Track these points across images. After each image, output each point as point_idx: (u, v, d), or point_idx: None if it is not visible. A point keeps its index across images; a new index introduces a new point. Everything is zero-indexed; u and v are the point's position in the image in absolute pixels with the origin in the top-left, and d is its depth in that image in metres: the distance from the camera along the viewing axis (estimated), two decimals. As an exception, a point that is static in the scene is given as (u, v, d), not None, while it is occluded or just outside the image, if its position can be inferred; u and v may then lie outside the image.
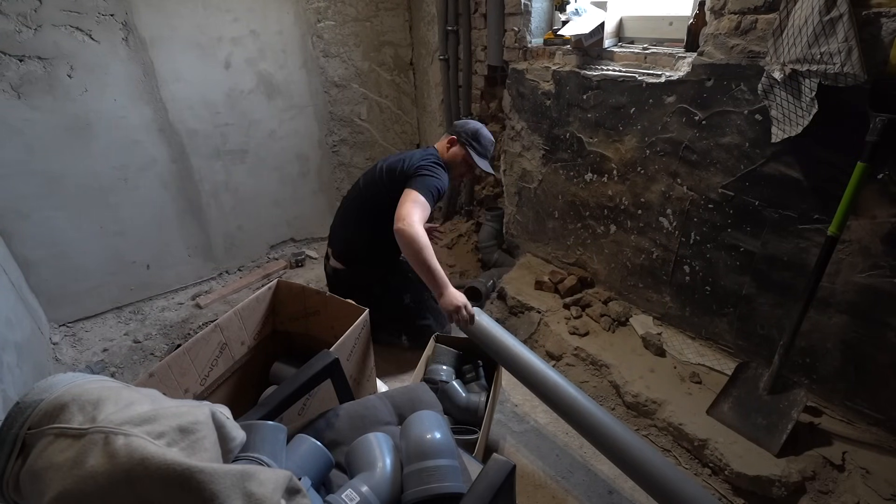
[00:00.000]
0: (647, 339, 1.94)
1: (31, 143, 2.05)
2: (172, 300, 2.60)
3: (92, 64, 2.09)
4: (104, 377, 0.78)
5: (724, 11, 1.50)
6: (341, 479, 1.01)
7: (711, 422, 1.61)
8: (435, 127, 3.08)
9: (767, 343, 1.69)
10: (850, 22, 1.17)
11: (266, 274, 2.80)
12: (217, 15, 2.35)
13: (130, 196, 2.36)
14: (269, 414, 1.02)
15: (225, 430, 0.75)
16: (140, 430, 0.63)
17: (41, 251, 2.20)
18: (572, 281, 2.28)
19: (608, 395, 1.85)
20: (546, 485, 1.53)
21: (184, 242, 2.61)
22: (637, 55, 1.92)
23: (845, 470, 1.42)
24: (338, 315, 1.58)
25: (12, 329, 1.75)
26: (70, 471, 0.59)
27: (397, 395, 1.27)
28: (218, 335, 1.46)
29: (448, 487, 0.88)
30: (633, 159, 1.92)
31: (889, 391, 1.44)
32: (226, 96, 2.50)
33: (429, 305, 2.06)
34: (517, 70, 2.31)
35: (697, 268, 1.83)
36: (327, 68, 2.80)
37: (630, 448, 1.26)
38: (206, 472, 0.60)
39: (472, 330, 1.59)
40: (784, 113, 1.39)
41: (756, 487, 1.44)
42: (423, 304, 2.06)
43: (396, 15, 2.94)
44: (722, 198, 1.68)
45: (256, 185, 2.77)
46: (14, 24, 1.89)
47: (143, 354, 2.23)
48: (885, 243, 1.34)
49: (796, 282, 1.55)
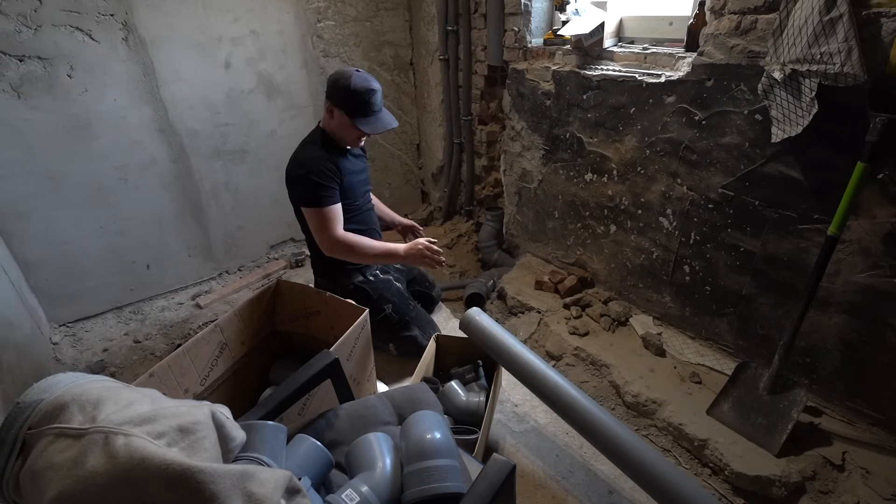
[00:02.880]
0: (647, 339, 1.94)
1: (31, 143, 2.05)
2: (172, 300, 2.60)
3: (92, 64, 2.09)
4: (104, 377, 0.78)
5: (724, 11, 1.50)
6: (341, 479, 1.01)
7: (711, 422, 1.61)
8: (435, 127, 3.08)
9: (767, 343, 1.69)
10: (850, 22, 1.17)
11: (266, 274, 2.80)
12: (217, 15, 2.35)
13: (130, 196, 2.36)
14: (269, 414, 1.02)
15: (225, 430, 0.75)
16: (140, 430, 0.63)
17: (41, 251, 2.20)
18: (572, 281, 2.28)
19: (608, 395, 1.85)
20: (546, 485, 1.53)
21: (184, 242, 2.61)
22: (637, 55, 1.92)
23: (845, 470, 1.42)
24: (338, 315, 1.58)
25: (12, 329, 1.75)
26: (70, 471, 0.59)
27: (397, 395, 1.28)
28: (218, 335, 1.46)
29: (448, 487, 0.88)
30: (633, 159, 1.92)
31: (889, 391, 1.44)
32: (226, 96, 2.50)
33: (413, 317, 1.94)
34: (517, 70, 2.31)
35: (697, 268, 1.83)
36: (327, 68, 2.80)
37: (630, 448, 1.26)
38: (206, 472, 0.61)
39: (472, 330, 1.59)
40: (784, 113, 1.39)
41: (756, 487, 1.44)
42: (406, 316, 1.93)
43: (396, 15, 2.94)
44: (722, 198, 1.68)
45: (256, 185, 2.77)
46: (14, 24, 1.89)
47: (143, 354, 2.23)
48: (885, 243, 1.34)
49: (796, 282, 1.55)
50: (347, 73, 1.64)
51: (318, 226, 1.66)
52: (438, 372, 1.82)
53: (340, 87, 1.63)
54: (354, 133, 1.72)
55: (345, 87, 1.62)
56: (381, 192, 3.29)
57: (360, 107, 1.65)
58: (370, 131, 1.71)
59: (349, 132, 1.72)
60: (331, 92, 1.66)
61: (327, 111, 1.69)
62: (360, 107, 1.65)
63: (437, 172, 3.27)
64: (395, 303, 1.90)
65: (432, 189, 3.42)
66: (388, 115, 1.74)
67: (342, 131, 1.72)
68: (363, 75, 1.65)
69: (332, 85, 1.65)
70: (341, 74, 1.65)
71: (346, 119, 1.66)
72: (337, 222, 1.67)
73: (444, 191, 3.17)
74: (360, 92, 1.63)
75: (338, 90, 1.64)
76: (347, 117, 1.66)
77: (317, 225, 1.67)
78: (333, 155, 1.72)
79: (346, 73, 1.64)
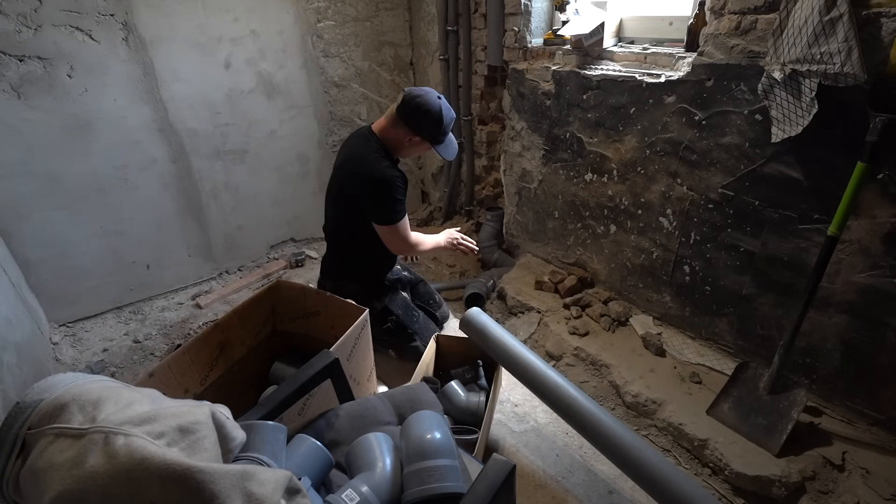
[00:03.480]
0: (647, 339, 1.94)
1: (31, 143, 2.05)
2: (172, 300, 2.60)
3: (92, 64, 2.09)
4: (104, 377, 0.78)
5: (724, 11, 1.50)
6: (341, 479, 1.01)
7: (711, 422, 1.61)
8: (435, 127, 3.08)
9: (767, 343, 1.69)
10: (850, 22, 1.17)
11: (266, 274, 2.80)
12: (217, 15, 2.35)
13: (130, 196, 2.36)
14: (269, 414, 1.02)
15: (225, 430, 0.75)
16: (140, 430, 0.63)
17: (41, 251, 2.20)
18: (572, 281, 2.28)
19: (608, 395, 1.85)
20: (546, 485, 1.53)
21: (184, 242, 2.61)
22: (637, 55, 1.92)
23: (845, 470, 1.42)
24: (338, 315, 1.58)
25: (12, 329, 1.75)
26: (70, 471, 0.59)
27: (397, 395, 1.27)
28: (218, 335, 1.46)
29: (448, 487, 0.88)
30: (633, 159, 1.92)
31: (889, 391, 1.44)
32: (226, 96, 2.50)
33: (416, 329, 1.91)
34: (517, 70, 2.31)
35: (697, 268, 1.83)
36: (327, 68, 2.80)
37: (630, 448, 1.26)
38: (206, 472, 0.60)
39: (472, 330, 1.59)
40: (784, 113, 1.39)
41: (756, 487, 1.44)
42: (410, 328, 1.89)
43: (396, 15, 2.94)
44: (722, 198, 1.68)
45: (256, 185, 2.77)
46: (14, 24, 1.89)
47: (143, 354, 2.23)
48: (885, 243, 1.34)
49: (796, 282, 1.55)
50: (435, 104, 1.59)
51: (397, 238, 1.70)
52: (438, 372, 1.82)
53: (431, 120, 1.60)
54: (422, 153, 1.77)
55: (436, 121, 1.61)
56: (381, 192, 3.29)
57: (443, 136, 1.68)
58: (449, 158, 1.76)
59: (417, 153, 1.76)
60: (416, 122, 1.61)
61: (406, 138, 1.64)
62: (443, 136, 1.68)
63: (437, 172, 3.27)
64: (399, 315, 1.88)
65: (432, 189, 3.42)
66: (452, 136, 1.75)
67: (412, 151, 1.73)
68: (447, 104, 1.64)
69: (419, 115, 1.59)
70: (428, 104, 1.59)
71: (426, 145, 1.69)
72: (409, 229, 1.73)
73: (444, 191, 3.17)
74: (448, 125, 1.65)
75: (426, 122, 1.61)
76: (430, 144, 1.68)
77: (395, 237, 1.70)
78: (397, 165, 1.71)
79: (434, 104, 1.59)
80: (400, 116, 1.61)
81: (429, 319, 2.00)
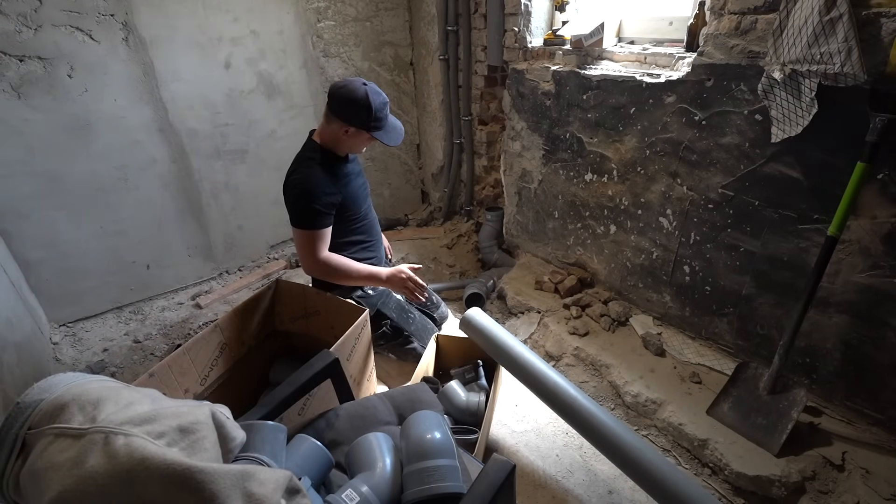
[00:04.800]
0: (646, 339, 1.94)
1: (31, 143, 2.05)
2: (172, 300, 2.60)
3: (92, 64, 2.09)
4: (104, 377, 0.78)
5: (724, 11, 1.50)
6: (341, 479, 1.01)
7: (711, 422, 1.61)
8: (435, 127, 3.08)
9: (767, 343, 1.69)
10: (850, 22, 1.17)
11: (266, 274, 2.80)
12: (217, 15, 2.35)
13: (130, 196, 2.36)
14: (269, 414, 1.02)
15: (225, 430, 0.75)
16: (140, 430, 0.63)
17: (41, 251, 2.20)
18: (572, 281, 2.28)
19: (608, 395, 1.85)
20: (546, 485, 1.53)
21: (184, 242, 2.61)
22: (637, 55, 1.92)
23: (845, 470, 1.42)
24: (338, 315, 1.58)
25: (12, 329, 1.75)
26: (70, 471, 0.59)
27: (397, 395, 1.28)
28: (218, 335, 1.46)
29: (448, 487, 0.88)
30: (633, 159, 1.92)
31: (889, 391, 1.44)
32: (226, 96, 2.50)
33: (413, 330, 1.86)
34: (517, 70, 2.31)
35: (697, 268, 1.83)
36: (327, 68, 2.80)
37: (630, 448, 1.26)
38: (206, 472, 0.61)
39: (472, 330, 1.59)
40: (784, 113, 1.39)
41: (756, 487, 1.44)
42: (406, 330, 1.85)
43: (396, 15, 2.94)
44: (722, 198, 1.68)
45: (256, 185, 2.77)
46: (14, 24, 1.89)
47: (143, 354, 2.23)
48: (885, 243, 1.34)
49: (796, 282, 1.55)
50: (359, 90, 1.53)
51: (304, 246, 1.61)
52: (438, 372, 1.82)
53: (358, 106, 1.54)
54: (368, 144, 1.68)
55: (363, 107, 1.54)
56: (381, 192, 3.29)
57: (379, 122, 1.60)
58: (392, 143, 1.66)
59: (362, 144, 1.67)
60: (345, 112, 1.55)
61: (341, 131, 1.58)
62: (379, 122, 1.60)
63: (437, 172, 3.26)
64: (393, 318, 1.82)
65: (432, 189, 3.42)
66: (396, 121, 1.69)
67: (354, 145, 1.65)
68: (373, 88, 1.58)
69: (345, 105, 1.54)
70: (353, 93, 1.53)
71: (366, 135, 1.61)
72: (324, 244, 1.62)
73: (444, 191, 3.18)
74: (378, 109, 1.57)
75: (355, 111, 1.54)
76: (367, 133, 1.61)
77: (303, 245, 1.62)
78: (333, 167, 1.65)
79: (358, 90, 1.53)
80: (331, 111, 1.56)
81: (426, 320, 1.96)
